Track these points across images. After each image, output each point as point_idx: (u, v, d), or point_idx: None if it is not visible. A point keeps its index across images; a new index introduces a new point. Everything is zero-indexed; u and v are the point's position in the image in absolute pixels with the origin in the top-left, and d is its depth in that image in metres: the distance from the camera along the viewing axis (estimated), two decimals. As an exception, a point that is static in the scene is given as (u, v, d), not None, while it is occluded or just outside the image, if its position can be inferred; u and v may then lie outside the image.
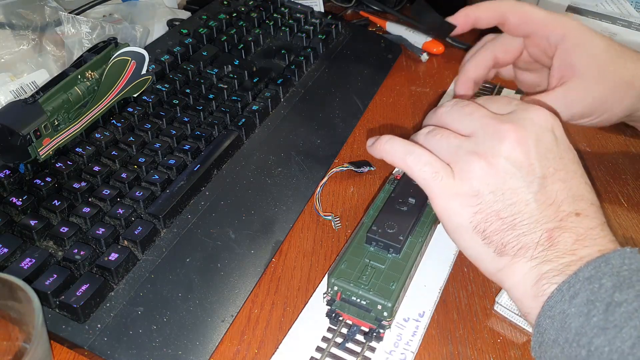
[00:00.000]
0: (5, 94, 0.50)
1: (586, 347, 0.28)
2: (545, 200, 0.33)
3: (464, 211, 0.34)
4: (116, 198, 0.40)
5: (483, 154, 0.33)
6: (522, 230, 0.32)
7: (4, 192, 0.39)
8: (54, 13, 0.57)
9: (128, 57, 0.47)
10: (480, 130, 0.35)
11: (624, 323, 0.27)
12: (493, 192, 0.33)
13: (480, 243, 0.34)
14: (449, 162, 0.35)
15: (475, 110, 0.36)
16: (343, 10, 0.80)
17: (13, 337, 0.33)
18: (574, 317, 0.29)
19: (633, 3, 0.72)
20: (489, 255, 0.34)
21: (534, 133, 0.34)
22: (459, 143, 0.35)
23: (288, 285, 0.40)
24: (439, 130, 0.36)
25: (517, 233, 0.33)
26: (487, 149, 0.34)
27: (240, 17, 0.64)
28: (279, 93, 0.54)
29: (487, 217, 0.33)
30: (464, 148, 0.34)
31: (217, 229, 0.41)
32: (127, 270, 0.36)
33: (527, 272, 0.32)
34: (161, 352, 0.33)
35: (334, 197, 0.48)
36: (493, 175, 0.33)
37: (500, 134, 0.34)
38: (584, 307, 0.29)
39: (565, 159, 0.34)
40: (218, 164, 0.45)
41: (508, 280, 0.33)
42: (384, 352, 0.35)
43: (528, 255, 0.32)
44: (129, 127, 0.46)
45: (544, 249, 0.32)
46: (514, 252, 0.33)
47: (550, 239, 0.32)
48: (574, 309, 0.29)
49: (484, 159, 0.33)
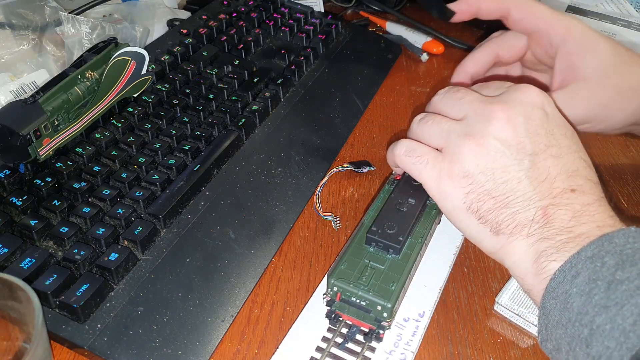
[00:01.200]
0: (5, 94, 0.50)
1: (588, 326, 0.28)
2: (537, 177, 0.33)
3: (457, 192, 0.34)
4: (116, 198, 0.40)
5: (473, 135, 0.34)
6: (515, 208, 0.33)
7: (4, 192, 0.39)
8: (54, 13, 0.57)
9: (128, 57, 0.47)
10: (471, 112, 0.35)
11: (626, 300, 0.27)
12: (483, 172, 0.33)
13: (475, 223, 0.34)
14: (441, 146, 0.36)
15: (466, 95, 0.36)
16: (343, 10, 0.80)
17: (13, 337, 0.33)
18: (576, 297, 0.28)
19: (633, 3, 0.72)
20: (486, 234, 0.34)
21: (523, 111, 0.34)
22: (450, 127, 0.36)
23: (288, 285, 0.40)
24: (430, 116, 0.37)
25: (511, 211, 0.33)
26: (476, 130, 0.34)
27: (240, 17, 0.64)
28: (279, 93, 0.54)
29: (480, 196, 0.33)
30: (455, 131, 0.35)
31: (217, 229, 0.41)
32: (127, 270, 0.36)
33: (525, 249, 0.32)
34: (161, 352, 0.33)
35: (334, 197, 0.48)
36: (483, 156, 0.34)
37: (489, 115, 0.34)
38: (586, 286, 0.28)
39: (557, 134, 0.34)
40: (218, 164, 0.45)
41: (508, 259, 0.33)
42: (384, 352, 0.35)
43: (524, 233, 0.32)
44: (129, 127, 0.46)
45: (539, 227, 0.32)
46: (510, 231, 0.33)
47: (545, 216, 0.32)
48: (576, 288, 0.29)
49: (473, 140, 0.34)
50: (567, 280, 0.29)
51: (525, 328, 0.38)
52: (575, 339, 0.28)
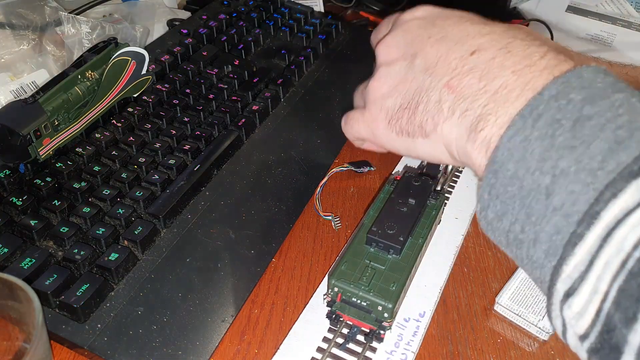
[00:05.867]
0: (5, 94, 0.50)
1: (550, 173, 0.24)
2: (430, 65, 0.32)
3: (382, 127, 0.35)
4: (116, 198, 0.40)
5: (372, 77, 0.36)
6: (423, 104, 0.32)
7: (4, 192, 0.39)
8: (54, 13, 0.57)
9: (128, 57, 0.47)
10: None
11: (594, 137, 0.23)
12: (390, 95, 0.35)
13: (410, 141, 0.34)
14: (363, 104, 0.38)
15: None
16: (343, 10, 0.80)
17: (13, 337, 0.33)
18: (537, 141, 0.25)
19: (633, 3, 0.72)
20: (424, 145, 0.33)
21: (398, 29, 0.36)
22: (361, 87, 0.39)
23: (288, 285, 0.40)
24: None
25: (421, 108, 0.32)
26: (374, 72, 0.37)
27: (240, 17, 0.64)
28: (279, 93, 0.54)
29: (397, 117, 0.34)
30: (363, 86, 0.38)
31: (217, 229, 0.41)
32: (127, 270, 0.36)
33: (456, 133, 0.30)
34: (161, 352, 0.33)
35: (334, 197, 0.48)
36: (382, 85, 0.35)
37: (377, 52, 0.37)
38: (549, 127, 0.24)
39: (438, 23, 0.34)
40: (218, 164, 0.45)
41: (453, 151, 0.31)
42: (385, 352, 0.35)
43: (442, 117, 0.30)
44: (129, 127, 0.46)
45: (451, 104, 0.30)
46: (432, 125, 0.31)
47: (450, 89, 0.30)
48: (537, 132, 0.25)
49: (372, 80, 0.36)
50: (527, 125, 0.25)
51: (525, 328, 0.38)
52: (533, 192, 0.24)
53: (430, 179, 0.41)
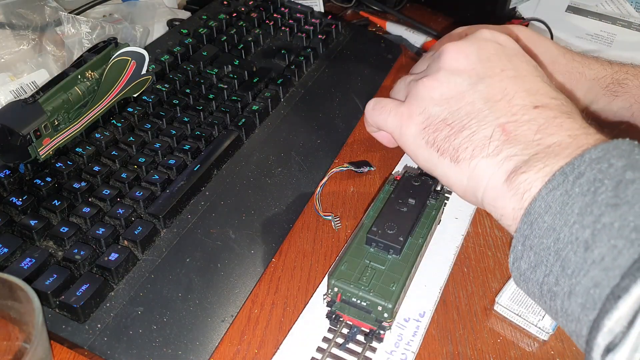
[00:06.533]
0: (5, 94, 0.50)
1: (591, 227, 0.24)
2: (492, 97, 0.31)
3: (415, 130, 0.34)
4: (116, 198, 0.40)
5: (427, 74, 0.34)
6: (471, 130, 0.31)
7: (4, 192, 0.39)
8: (54, 13, 0.57)
9: (128, 57, 0.47)
10: (430, 62, 0.36)
11: (638, 199, 0.24)
12: (437, 104, 0.33)
13: (436, 156, 0.33)
14: (404, 96, 0.36)
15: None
16: (343, 10, 0.80)
17: (13, 337, 0.33)
18: (579, 197, 0.25)
19: (633, 3, 0.72)
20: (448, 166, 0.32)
21: (475, 43, 0.34)
22: (411, 78, 0.36)
23: (288, 285, 0.40)
24: (398, 80, 0.40)
25: (466, 134, 0.31)
26: (430, 70, 0.34)
27: (240, 17, 0.64)
28: (279, 93, 0.54)
29: (436, 128, 0.32)
30: (414, 78, 0.35)
31: (217, 229, 0.41)
32: (127, 270, 0.36)
33: (493, 171, 0.29)
34: (161, 352, 0.33)
35: (334, 197, 0.48)
36: (435, 87, 0.33)
37: (441, 52, 0.34)
38: (591, 185, 0.25)
39: (515, 61, 0.33)
40: (218, 164, 0.45)
41: (479, 189, 0.30)
42: (385, 352, 0.35)
43: (484, 153, 0.30)
44: (129, 127, 0.46)
45: (500, 144, 0.30)
46: (469, 154, 0.31)
47: (505, 132, 0.30)
48: (578, 188, 0.25)
49: (427, 77, 0.34)
50: (568, 181, 0.26)
51: (525, 328, 0.38)
52: (570, 244, 0.24)
53: (430, 179, 0.41)
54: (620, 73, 0.48)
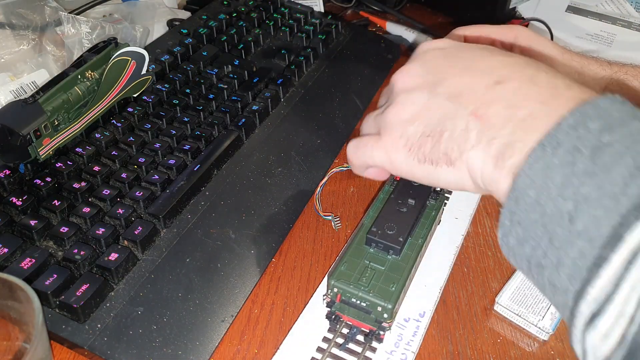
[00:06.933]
0: (5, 94, 0.50)
1: (572, 199, 0.24)
2: (454, 93, 0.32)
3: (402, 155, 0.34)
4: (116, 198, 0.40)
5: (389, 104, 0.35)
6: (449, 130, 0.32)
7: (4, 192, 0.39)
8: (54, 13, 0.57)
9: (128, 57, 0.47)
10: (387, 94, 0.37)
11: (614, 163, 0.24)
12: (410, 122, 0.34)
13: (432, 169, 0.33)
14: (376, 130, 0.37)
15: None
16: (343, 10, 0.80)
17: (13, 337, 0.33)
18: (558, 169, 0.25)
19: (633, 3, 0.72)
20: (448, 173, 0.33)
21: (418, 59, 0.36)
22: (376, 113, 0.37)
23: (288, 285, 0.40)
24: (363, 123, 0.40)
25: (447, 136, 0.32)
26: (390, 100, 0.36)
27: (240, 17, 0.64)
28: (279, 93, 0.54)
29: (420, 144, 0.33)
30: (379, 112, 0.37)
31: (217, 229, 0.41)
32: (127, 270, 0.36)
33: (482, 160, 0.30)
34: (161, 352, 0.33)
35: (334, 197, 0.48)
36: (402, 111, 0.34)
37: (393, 82, 0.36)
38: (569, 155, 0.25)
39: (460, 54, 0.34)
40: (218, 164, 0.45)
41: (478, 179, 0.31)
42: (385, 352, 0.35)
43: (468, 145, 0.31)
44: (129, 127, 0.46)
45: (477, 132, 0.30)
46: (458, 153, 0.31)
47: (477, 118, 0.30)
48: (557, 159, 0.25)
49: (390, 107, 0.35)
50: (547, 153, 0.26)
51: (525, 328, 0.38)
52: (555, 217, 0.25)
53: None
54: (620, 73, 0.48)
